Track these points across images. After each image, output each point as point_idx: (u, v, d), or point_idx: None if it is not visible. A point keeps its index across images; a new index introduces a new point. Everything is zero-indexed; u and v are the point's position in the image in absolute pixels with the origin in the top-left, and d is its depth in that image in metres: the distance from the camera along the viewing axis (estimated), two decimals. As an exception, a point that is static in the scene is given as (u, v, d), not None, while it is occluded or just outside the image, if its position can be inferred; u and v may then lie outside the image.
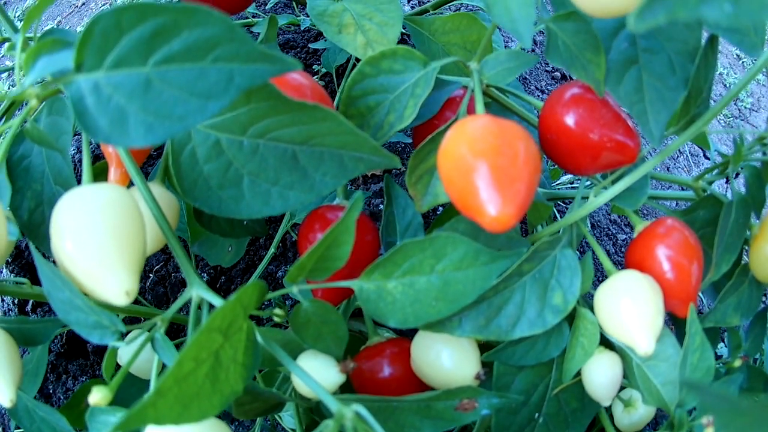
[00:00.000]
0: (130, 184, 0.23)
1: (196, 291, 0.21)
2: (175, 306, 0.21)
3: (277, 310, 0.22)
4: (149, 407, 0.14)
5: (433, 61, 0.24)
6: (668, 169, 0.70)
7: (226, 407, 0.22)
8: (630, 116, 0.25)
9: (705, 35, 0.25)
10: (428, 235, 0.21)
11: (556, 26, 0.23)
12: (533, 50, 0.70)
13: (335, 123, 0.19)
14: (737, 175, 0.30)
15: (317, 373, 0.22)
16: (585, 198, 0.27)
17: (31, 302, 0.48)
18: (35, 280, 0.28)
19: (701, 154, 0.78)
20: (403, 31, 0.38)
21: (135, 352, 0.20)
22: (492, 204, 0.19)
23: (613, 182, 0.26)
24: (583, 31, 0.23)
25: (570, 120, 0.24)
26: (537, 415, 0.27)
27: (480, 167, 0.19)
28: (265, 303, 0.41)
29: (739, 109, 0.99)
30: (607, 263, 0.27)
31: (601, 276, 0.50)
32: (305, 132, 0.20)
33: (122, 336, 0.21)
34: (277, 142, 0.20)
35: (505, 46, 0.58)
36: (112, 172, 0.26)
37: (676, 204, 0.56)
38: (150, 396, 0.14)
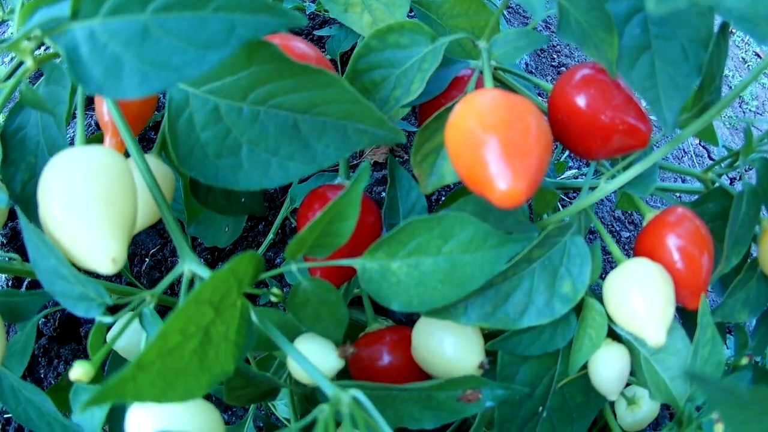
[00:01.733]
0: (127, 156, 0.23)
1: (188, 266, 0.20)
2: (166, 281, 0.20)
3: (275, 289, 0.21)
4: (128, 381, 0.13)
5: (441, 37, 0.24)
6: (672, 170, 0.69)
7: (218, 393, 0.21)
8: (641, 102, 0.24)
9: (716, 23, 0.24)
10: (435, 214, 0.20)
11: (569, 3, 0.22)
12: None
13: (339, 90, 0.19)
14: (745, 172, 0.29)
15: (314, 357, 0.21)
16: (593, 188, 0.27)
17: (25, 283, 0.47)
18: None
19: (706, 155, 0.77)
20: (410, 15, 0.37)
21: (121, 327, 0.19)
22: (502, 178, 0.18)
23: (624, 169, 0.25)
24: (596, 9, 0.22)
25: (581, 101, 0.23)
26: (541, 408, 0.26)
27: (490, 140, 0.18)
28: (264, 287, 0.39)
29: (744, 112, 0.99)
30: (616, 252, 0.26)
31: (605, 268, 0.49)
32: (308, 99, 0.19)
33: (111, 311, 0.20)
34: (278, 110, 0.19)
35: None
36: (108, 141, 0.25)
37: (680, 198, 0.56)
38: (130, 368, 0.13)
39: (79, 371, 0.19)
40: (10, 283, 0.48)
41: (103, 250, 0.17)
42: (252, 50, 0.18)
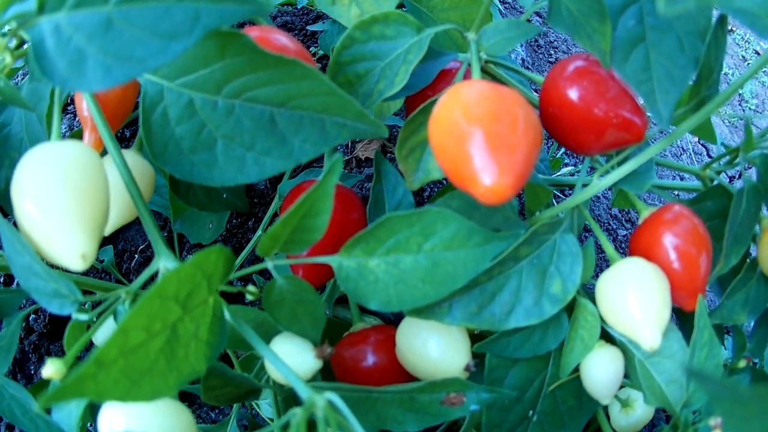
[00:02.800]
0: (105, 153, 0.22)
1: (164, 262, 0.19)
2: (141, 278, 0.19)
3: (251, 287, 0.20)
4: (88, 379, 0.13)
5: (428, 28, 0.23)
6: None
7: (197, 391, 0.21)
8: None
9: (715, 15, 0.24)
10: (416, 210, 0.19)
11: (560, -8, 0.22)
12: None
13: (316, 82, 0.18)
14: (745, 170, 0.28)
15: (291, 357, 0.20)
16: (586, 185, 0.26)
17: (17, 280, 0.46)
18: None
19: (705, 153, 0.76)
20: (401, 8, 0.36)
21: (96, 324, 0.19)
22: (487, 172, 0.17)
23: (618, 165, 0.25)
24: (589, -2, 0.21)
25: (574, 94, 0.23)
26: (531, 412, 0.25)
27: (475, 133, 0.18)
28: (253, 284, 0.39)
29: (743, 110, 0.97)
30: (610, 250, 0.26)
31: (600, 267, 0.48)
32: (284, 92, 0.18)
33: (91, 307, 0.19)
34: (254, 103, 0.19)
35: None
36: (86, 137, 0.24)
37: (679, 196, 0.55)
38: (89, 366, 0.13)
39: (51, 369, 0.18)
40: (2, 279, 0.48)
41: (72, 246, 0.17)
42: (224, 42, 0.18)
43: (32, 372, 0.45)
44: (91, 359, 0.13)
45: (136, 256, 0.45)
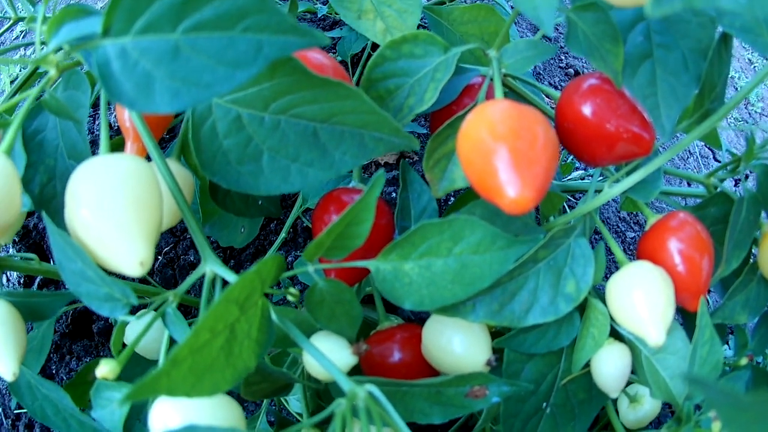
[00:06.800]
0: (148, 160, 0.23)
1: (210, 267, 0.21)
2: (188, 281, 0.21)
3: (292, 289, 0.22)
4: (163, 376, 0.14)
5: (454, 47, 0.24)
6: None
7: (235, 388, 0.22)
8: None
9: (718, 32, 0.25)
10: (446, 218, 0.21)
11: (576, 16, 0.23)
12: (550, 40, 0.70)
13: (358, 101, 0.19)
14: (747, 177, 0.30)
15: (329, 354, 0.21)
16: (598, 191, 0.27)
17: (37, 281, 0.48)
18: (43, 259, 0.28)
19: (711, 156, 0.78)
20: (422, 22, 0.38)
21: (145, 326, 0.20)
22: (511, 186, 0.19)
23: (627, 174, 0.26)
24: (603, 21, 0.23)
25: (587, 110, 0.24)
26: (545, 404, 0.27)
27: (500, 150, 0.19)
28: (277, 286, 0.40)
29: (749, 113, 0.99)
30: (619, 254, 0.27)
31: (609, 269, 0.50)
32: (327, 109, 0.20)
33: (133, 311, 0.21)
34: (299, 119, 0.20)
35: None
36: (129, 147, 0.26)
37: (685, 202, 0.57)
38: (164, 365, 0.14)
39: (105, 369, 0.19)
40: (22, 281, 0.49)
41: (132, 254, 0.18)
42: (275, 64, 0.19)
43: (54, 371, 0.46)
44: (167, 359, 0.14)
45: (160, 257, 0.46)
